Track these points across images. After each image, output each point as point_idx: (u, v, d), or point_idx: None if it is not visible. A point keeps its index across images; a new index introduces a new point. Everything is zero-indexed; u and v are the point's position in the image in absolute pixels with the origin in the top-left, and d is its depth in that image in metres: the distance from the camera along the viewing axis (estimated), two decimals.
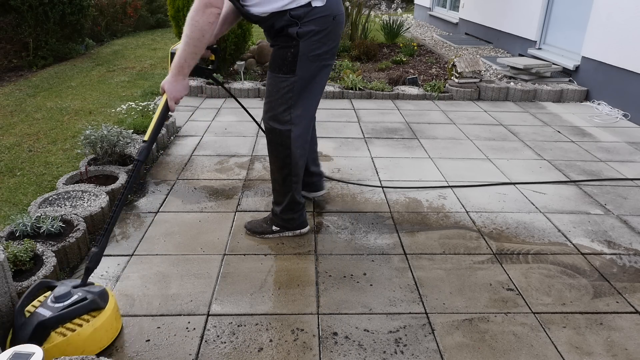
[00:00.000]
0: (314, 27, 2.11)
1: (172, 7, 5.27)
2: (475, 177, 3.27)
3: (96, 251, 1.87)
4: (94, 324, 1.74)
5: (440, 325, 1.93)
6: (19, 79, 5.78)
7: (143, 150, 2.02)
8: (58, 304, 1.73)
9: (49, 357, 1.64)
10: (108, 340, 1.79)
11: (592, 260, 2.39)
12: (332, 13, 2.13)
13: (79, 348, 1.70)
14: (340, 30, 2.24)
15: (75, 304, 1.74)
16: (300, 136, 2.29)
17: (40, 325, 1.66)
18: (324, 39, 2.16)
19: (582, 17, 5.43)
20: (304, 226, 2.53)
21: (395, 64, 6.55)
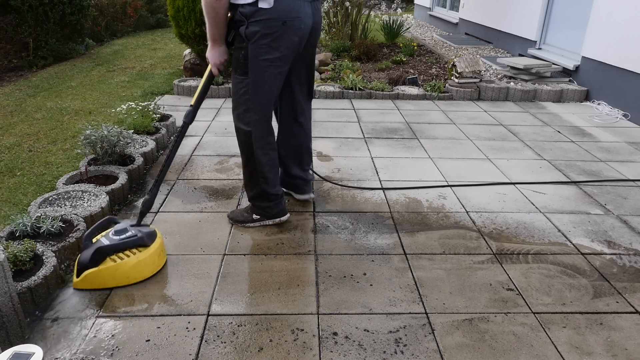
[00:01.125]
0: (259, 29, 2.10)
1: (172, 7, 5.28)
2: (475, 177, 3.27)
3: (148, 198, 2.31)
4: (139, 257, 2.13)
5: (440, 325, 1.93)
6: (19, 79, 5.78)
7: (189, 113, 2.30)
8: (116, 237, 2.16)
9: (101, 276, 2.08)
10: (150, 272, 2.17)
11: (592, 260, 2.39)
12: (280, 17, 2.09)
13: (125, 273, 2.10)
14: (295, 37, 2.17)
15: (128, 238, 2.16)
16: (260, 138, 2.34)
17: (98, 250, 2.09)
18: (273, 44, 2.14)
19: (582, 17, 5.43)
20: (282, 214, 2.58)
21: (395, 64, 6.55)
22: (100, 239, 2.15)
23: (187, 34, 5.27)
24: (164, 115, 4.05)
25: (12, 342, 1.76)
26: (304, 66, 2.47)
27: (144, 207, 2.28)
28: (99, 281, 2.08)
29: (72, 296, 2.06)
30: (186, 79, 5.37)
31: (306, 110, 2.62)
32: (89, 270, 2.07)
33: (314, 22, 2.27)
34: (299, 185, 2.77)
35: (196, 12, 5.10)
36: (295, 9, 2.14)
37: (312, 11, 2.23)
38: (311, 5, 2.22)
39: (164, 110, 4.23)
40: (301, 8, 2.16)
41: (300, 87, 2.52)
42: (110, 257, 2.11)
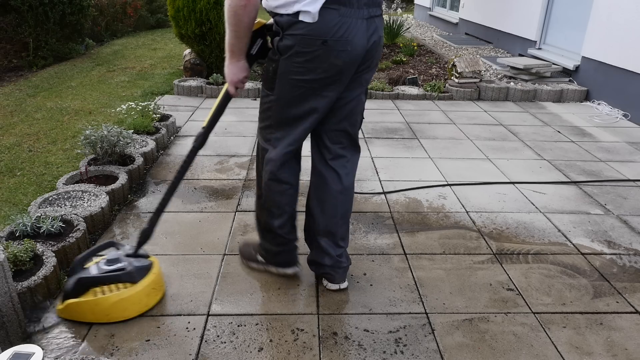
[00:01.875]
0: (293, 44, 1.74)
1: (172, 7, 5.28)
2: (476, 177, 3.27)
3: (146, 227, 2.06)
4: (121, 295, 1.90)
5: (440, 325, 1.93)
6: (19, 79, 5.78)
7: (199, 136, 1.99)
8: (105, 266, 1.96)
9: (81, 309, 1.90)
10: (134, 312, 1.93)
11: (592, 260, 2.39)
12: (321, 35, 1.70)
13: (104, 311, 1.90)
14: (337, 60, 1.75)
15: (114, 272, 1.94)
16: (272, 160, 1.95)
17: (79, 281, 1.92)
18: (308, 65, 1.76)
19: (582, 17, 5.43)
20: (287, 265, 2.16)
21: (395, 64, 6.55)
22: (90, 267, 1.97)
23: (187, 34, 5.27)
24: (164, 115, 4.05)
25: (12, 342, 1.76)
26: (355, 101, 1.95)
27: (142, 238, 2.05)
28: (78, 313, 1.90)
29: None
30: (186, 79, 5.36)
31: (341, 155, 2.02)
32: (70, 300, 1.90)
33: (372, 43, 1.80)
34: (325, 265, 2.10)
35: (196, 12, 5.10)
36: (343, 28, 1.71)
37: (367, 31, 1.76)
38: (367, 22, 1.76)
39: (164, 110, 4.23)
40: (351, 27, 1.72)
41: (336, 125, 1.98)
42: (94, 288, 1.91)
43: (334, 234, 2.06)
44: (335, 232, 2.06)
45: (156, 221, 2.07)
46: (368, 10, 1.75)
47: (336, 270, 2.10)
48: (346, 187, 2.04)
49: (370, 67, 1.89)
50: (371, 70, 1.92)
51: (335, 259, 2.08)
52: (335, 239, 2.07)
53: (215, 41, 5.25)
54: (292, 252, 2.14)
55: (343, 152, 2.01)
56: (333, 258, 2.07)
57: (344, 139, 2.00)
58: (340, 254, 2.09)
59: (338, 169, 2.01)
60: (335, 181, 2.01)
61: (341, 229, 2.08)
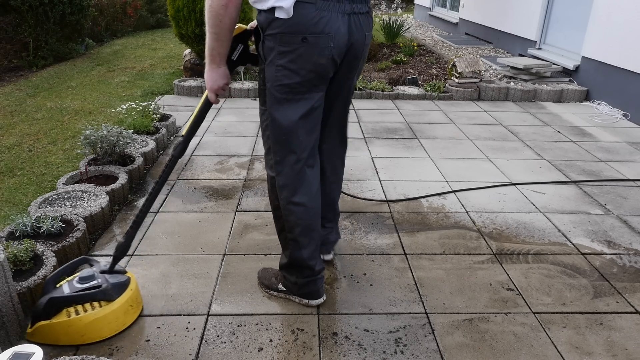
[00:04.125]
0: (274, 45, 1.65)
1: (172, 7, 5.28)
2: (476, 177, 3.27)
3: (122, 242, 1.94)
4: (97, 314, 1.79)
5: (440, 325, 1.93)
6: (19, 79, 5.78)
7: (178, 145, 1.94)
8: (79, 284, 1.84)
9: (53, 331, 1.78)
10: (111, 332, 1.83)
11: (592, 260, 2.39)
12: (299, 32, 1.60)
13: (79, 331, 1.78)
14: (321, 58, 1.65)
15: (88, 290, 1.83)
16: (285, 186, 1.83)
17: (51, 301, 1.78)
18: (292, 66, 1.65)
19: (582, 17, 5.43)
20: (314, 297, 2.01)
21: (395, 64, 6.55)
22: (63, 285, 1.86)
23: (187, 34, 5.27)
24: (164, 115, 4.05)
25: (12, 342, 1.76)
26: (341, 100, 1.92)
27: (117, 252, 1.93)
28: (50, 336, 1.78)
29: None
30: (186, 79, 5.36)
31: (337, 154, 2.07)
32: (41, 322, 1.78)
33: (352, 40, 1.71)
34: None
35: (196, 12, 5.10)
36: (322, 22, 1.61)
37: (348, 27, 1.67)
38: (349, 19, 1.67)
39: (164, 110, 4.23)
40: (330, 22, 1.62)
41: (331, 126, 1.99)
42: (67, 308, 1.80)
43: (322, 217, 2.05)
44: (324, 216, 2.07)
45: (133, 235, 1.96)
46: (351, 5, 1.66)
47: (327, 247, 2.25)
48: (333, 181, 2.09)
49: (356, 66, 1.82)
50: (357, 69, 1.85)
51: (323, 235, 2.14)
52: (323, 221, 2.11)
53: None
54: (318, 282, 2.00)
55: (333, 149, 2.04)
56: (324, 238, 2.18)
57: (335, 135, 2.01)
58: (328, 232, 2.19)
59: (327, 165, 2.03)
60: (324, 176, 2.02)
61: (329, 214, 2.14)
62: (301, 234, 1.89)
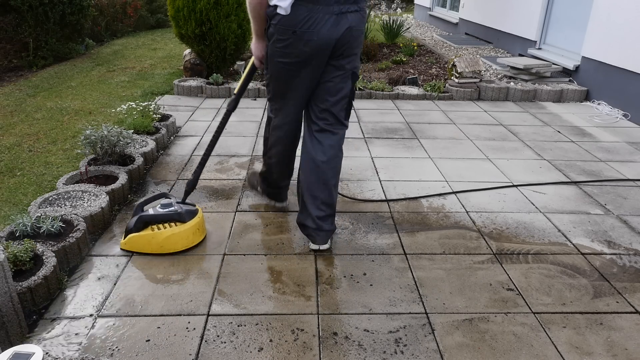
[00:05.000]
0: (274, 32, 2.14)
1: (172, 7, 5.27)
2: (475, 177, 3.27)
3: (191, 179, 2.51)
4: (173, 230, 2.35)
5: (440, 325, 1.93)
6: (19, 79, 5.78)
7: (232, 101, 2.46)
8: (161, 209, 2.40)
9: (141, 241, 2.34)
10: (182, 246, 2.37)
11: (592, 260, 2.39)
12: (291, 26, 2.06)
13: (159, 243, 2.34)
14: (306, 48, 2.08)
15: (168, 212, 2.38)
16: (278, 127, 2.42)
17: (140, 218, 2.37)
18: (285, 50, 2.13)
19: (582, 17, 5.43)
20: (277, 200, 2.78)
21: (395, 64, 6.55)
22: (148, 210, 2.43)
23: (187, 34, 5.27)
24: (164, 115, 4.05)
25: (12, 342, 1.76)
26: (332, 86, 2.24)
27: (188, 187, 2.50)
28: (138, 245, 2.35)
29: (72, 296, 2.06)
30: (186, 79, 5.36)
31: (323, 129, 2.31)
32: (132, 234, 2.35)
33: (339, 36, 2.08)
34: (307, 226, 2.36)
35: (196, 12, 5.10)
36: (310, 21, 2.04)
37: (336, 25, 2.05)
38: (337, 18, 2.05)
39: (164, 110, 4.23)
40: (318, 20, 2.03)
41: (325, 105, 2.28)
42: (151, 225, 2.37)
43: (316, 197, 2.31)
44: (317, 195, 2.31)
45: (199, 173, 2.51)
46: (339, 6, 2.05)
47: (318, 232, 2.35)
48: (329, 158, 2.30)
49: (345, 54, 2.18)
50: (348, 57, 2.20)
51: (317, 222, 2.32)
52: (317, 202, 2.31)
53: (215, 41, 5.25)
54: (282, 193, 2.73)
55: (328, 127, 2.31)
56: (315, 221, 2.32)
57: (328, 117, 2.29)
58: (322, 217, 2.33)
59: (322, 139, 2.30)
60: (318, 151, 2.29)
61: (323, 193, 2.32)
62: (275, 164, 2.55)
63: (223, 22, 5.18)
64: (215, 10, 5.11)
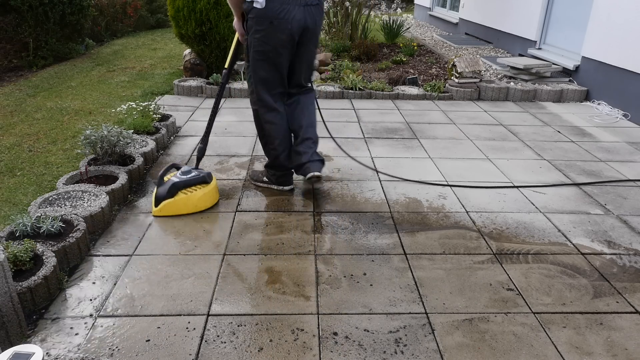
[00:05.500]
0: (252, 24, 2.54)
1: (172, 7, 5.27)
2: (476, 177, 3.27)
3: (202, 146, 2.86)
4: (204, 190, 2.72)
5: (440, 325, 1.93)
6: (19, 79, 5.78)
7: (225, 75, 2.81)
8: (184, 176, 2.71)
9: (176, 205, 2.66)
10: (211, 203, 2.77)
11: (592, 260, 2.39)
12: (268, 17, 2.47)
13: (194, 203, 2.68)
14: (282, 35, 2.53)
15: (195, 177, 2.72)
16: (263, 115, 2.77)
17: (174, 185, 2.66)
18: (264, 39, 2.54)
19: (582, 17, 5.43)
20: (285, 184, 2.97)
21: (395, 64, 6.55)
22: (171, 178, 2.70)
23: (187, 34, 5.27)
24: (164, 115, 4.05)
25: (12, 342, 1.76)
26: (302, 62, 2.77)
27: (200, 154, 2.86)
28: (174, 209, 2.65)
29: (72, 296, 2.06)
30: (186, 79, 5.36)
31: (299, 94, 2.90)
32: (167, 200, 2.63)
33: (305, 24, 2.57)
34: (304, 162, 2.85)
35: (196, 12, 5.10)
36: (283, 13, 2.48)
37: (303, 15, 2.54)
38: (304, 9, 2.53)
39: (164, 110, 4.23)
40: (289, 11, 2.49)
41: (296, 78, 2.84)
42: (182, 191, 2.67)
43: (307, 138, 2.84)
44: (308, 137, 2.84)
45: (206, 141, 2.86)
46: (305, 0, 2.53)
47: (314, 162, 2.83)
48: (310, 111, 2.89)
49: (310, 38, 2.67)
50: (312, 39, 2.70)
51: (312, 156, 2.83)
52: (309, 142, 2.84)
53: (215, 41, 5.25)
54: (288, 176, 2.96)
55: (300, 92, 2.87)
56: (310, 155, 2.82)
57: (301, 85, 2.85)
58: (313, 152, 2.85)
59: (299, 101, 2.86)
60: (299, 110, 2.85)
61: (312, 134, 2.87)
62: (279, 145, 2.83)
63: (223, 22, 5.18)
64: (215, 10, 5.11)
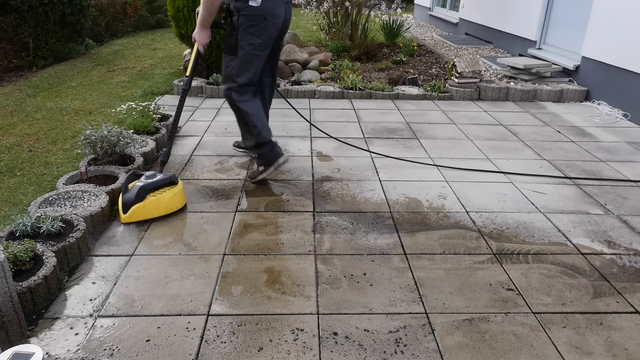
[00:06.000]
0: (246, 21, 2.77)
1: (172, 7, 5.27)
2: (475, 177, 3.27)
3: (167, 150, 2.91)
4: (173, 191, 2.70)
5: (440, 325, 1.93)
6: (19, 79, 5.78)
7: (187, 82, 2.93)
8: (149, 180, 2.67)
9: (146, 209, 2.60)
10: (180, 204, 2.74)
11: (592, 260, 2.39)
12: (263, 14, 2.76)
13: (164, 204, 2.65)
14: (273, 29, 2.85)
15: (162, 179, 2.70)
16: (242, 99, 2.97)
17: (142, 188, 2.61)
18: (258, 33, 2.81)
19: (582, 17, 5.43)
20: (278, 156, 3.05)
21: (395, 64, 6.55)
22: (137, 183, 2.66)
23: (187, 34, 5.26)
24: (164, 115, 4.05)
25: (12, 342, 1.76)
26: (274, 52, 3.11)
27: (164, 157, 2.90)
28: (144, 213, 2.60)
29: (72, 296, 2.06)
30: None
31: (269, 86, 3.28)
32: (136, 205, 2.57)
33: (285, 19, 2.93)
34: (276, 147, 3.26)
35: (196, 12, 5.09)
36: (275, 9, 2.80)
37: (285, 11, 2.89)
38: (285, 6, 2.88)
39: (164, 110, 4.23)
40: (278, 8, 2.83)
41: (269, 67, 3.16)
42: (151, 194, 2.63)
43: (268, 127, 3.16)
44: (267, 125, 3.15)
45: (171, 145, 2.92)
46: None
47: None
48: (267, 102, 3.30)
49: (285, 31, 3.02)
50: (285, 33, 3.04)
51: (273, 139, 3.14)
52: None
53: (215, 41, 5.24)
54: (277, 147, 3.06)
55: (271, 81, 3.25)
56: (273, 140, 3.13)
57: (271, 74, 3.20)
58: None
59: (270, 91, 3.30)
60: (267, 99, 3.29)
61: None
62: (258, 120, 2.99)
63: None
64: None
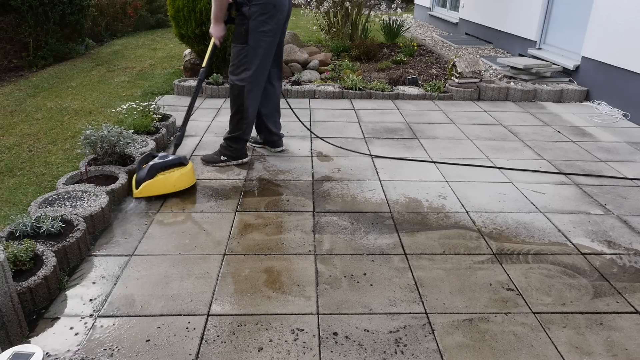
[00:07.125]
0: (258, 9, 2.98)
1: (172, 7, 5.27)
2: (475, 177, 3.28)
3: (179, 134, 3.15)
4: (181, 171, 2.91)
5: (440, 325, 1.93)
6: (19, 79, 5.78)
7: (202, 72, 3.18)
8: (160, 160, 2.91)
9: (155, 186, 2.84)
10: (188, 184, 2.95)
11: (592, 260, 2.39)
12: (272, 2, 3.00)
13: (172, 183, 2.87)
14: (281, 16, 3.07)
15: (172, 160, 2.93)
16: (251, 91, 3.15)
17: (152, 167, 2.86)
18: (268, 20, 3.02)
19: (582, 17, 5.43)
20: (244, 156, 3.38)
21: (395, 64, 6.55)
22: (150, 162, 2.89)
23: (187, 34, 5.27)
24: (164, 115, 4.05)
25: (12, 342, 1.76)
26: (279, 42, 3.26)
27: (177, 141, 3.13)
28: (153, 189, 2.83)
29: (72, 296, 2.06)
30: (186, 79, 5.36)
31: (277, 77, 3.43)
32: (146, 182, 2.80)
33: (289, 7, 3.16)
34: (275, 140, 3.59)
35: (196, 12, 5.10)
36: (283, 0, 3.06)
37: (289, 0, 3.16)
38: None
39: (164, 110, 4.23)
40: None
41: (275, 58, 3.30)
42: (160, 173, 2.85)
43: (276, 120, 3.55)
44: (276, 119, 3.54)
45: (184, 129, 3.16)
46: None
47: (280, 139, 3.62)
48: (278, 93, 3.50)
49: (288, 19, 3.21)
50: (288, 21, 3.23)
51: (280, 133, 3.60)
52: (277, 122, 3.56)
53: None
54: (245, 148, 3.39)
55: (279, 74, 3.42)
56: (278, 134, 3.59)
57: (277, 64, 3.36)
58: (279, 130, 3.59)
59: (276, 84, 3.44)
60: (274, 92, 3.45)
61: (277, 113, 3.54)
62: (253, 119, 3.29)
63: None
64: None
